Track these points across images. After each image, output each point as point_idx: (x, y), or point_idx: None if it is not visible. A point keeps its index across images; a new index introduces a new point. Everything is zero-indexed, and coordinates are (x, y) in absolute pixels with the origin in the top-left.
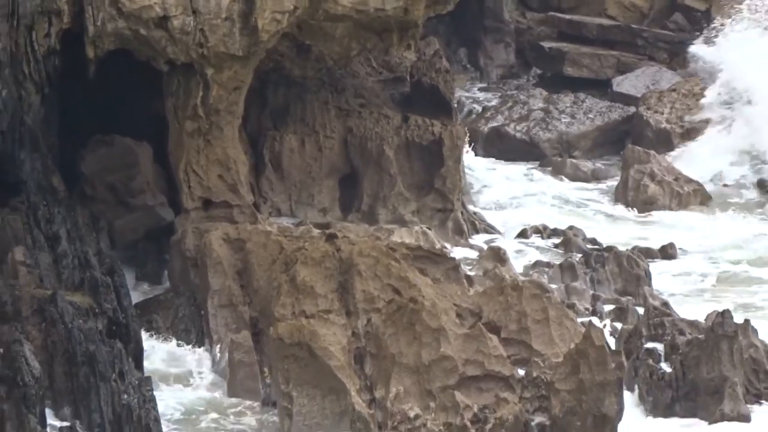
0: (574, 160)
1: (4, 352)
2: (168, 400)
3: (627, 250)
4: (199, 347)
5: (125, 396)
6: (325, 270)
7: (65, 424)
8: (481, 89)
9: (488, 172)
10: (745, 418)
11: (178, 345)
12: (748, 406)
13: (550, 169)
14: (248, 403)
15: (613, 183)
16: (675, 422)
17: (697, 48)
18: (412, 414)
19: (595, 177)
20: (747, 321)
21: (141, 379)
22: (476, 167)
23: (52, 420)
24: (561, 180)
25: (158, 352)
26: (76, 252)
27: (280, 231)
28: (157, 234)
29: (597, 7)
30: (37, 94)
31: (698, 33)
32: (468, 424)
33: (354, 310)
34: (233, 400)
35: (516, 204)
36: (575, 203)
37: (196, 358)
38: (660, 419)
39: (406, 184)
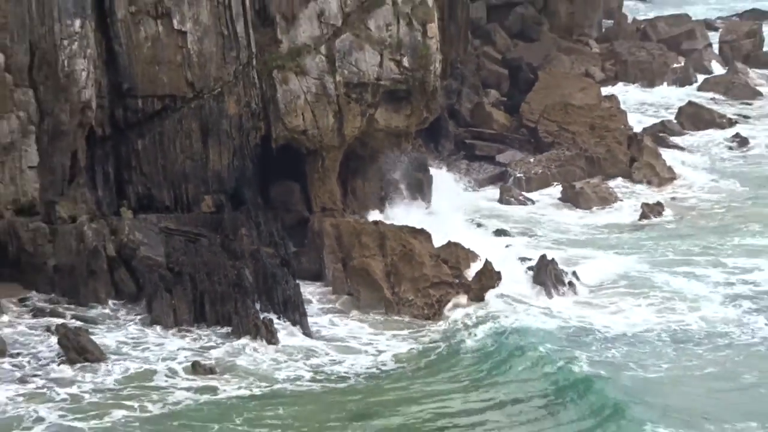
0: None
1: (237, 272)
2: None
3: None
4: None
5: (288, 291)
6: (373, 237)
7: (263, 304)
8: (439, 161)
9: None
10: None
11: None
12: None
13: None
14: (340, 295)
15: (494, 196)
16: None
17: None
18: (410, 298)
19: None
20: (552, 260)
21: (295, 284)
22: None
23: (258, 305)
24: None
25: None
26: (267, 229)
27: (355, 221)
28: (302, 222)
29: (489, 125)
30: (251, 162)
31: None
32: (434, 303)
33: (386, 254)
34: (334, 292)
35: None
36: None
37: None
38: None
39: None
